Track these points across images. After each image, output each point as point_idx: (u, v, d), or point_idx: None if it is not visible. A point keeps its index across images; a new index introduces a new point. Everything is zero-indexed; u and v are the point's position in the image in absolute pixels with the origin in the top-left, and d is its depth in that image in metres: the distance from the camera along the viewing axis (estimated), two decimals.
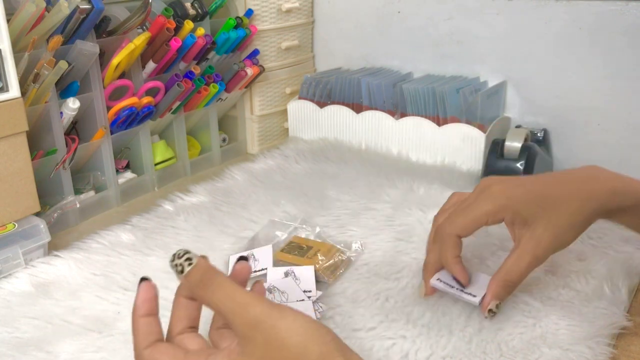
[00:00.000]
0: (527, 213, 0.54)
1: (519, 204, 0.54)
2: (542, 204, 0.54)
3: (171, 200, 0.82)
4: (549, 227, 0.54)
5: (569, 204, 0.54)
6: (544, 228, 0.53)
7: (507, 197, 0.55)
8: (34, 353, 0.52)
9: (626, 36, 0.83)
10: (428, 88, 0.92)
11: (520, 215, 0.54)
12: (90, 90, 0.78)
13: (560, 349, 0.52)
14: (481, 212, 0.55)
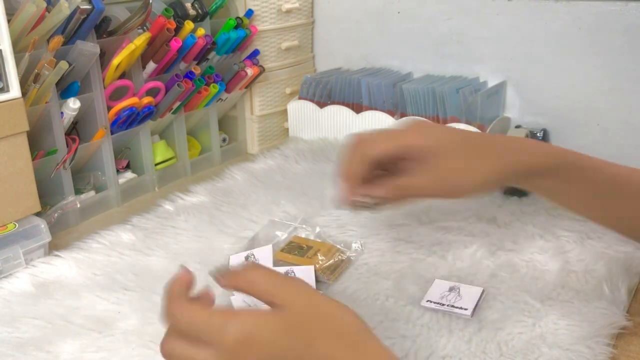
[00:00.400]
0: (444, 146, 0.54)
1: (441, 138, 0.55)
2: (463, 144, 0.55)
3: (171, 200, 0.82)
4: (460, 170, 0.54)
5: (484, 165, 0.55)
6: (456, 167, 0.54)
7: (427, 130, 0.56)
8: (35, 353, 0.53)
9: (626, 36, 0.83)
10: (428, 88, 0.92)
11: (437, 146, 0.54)
12: (91, 90, 0.78)
13: (560, 349, 0.52)
14: (393, 134, 0.56)
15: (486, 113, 0.92)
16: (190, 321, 0.39)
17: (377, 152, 0.55)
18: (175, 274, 0.44)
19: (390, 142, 0.55)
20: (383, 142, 0.55)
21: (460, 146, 0.55)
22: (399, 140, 0.55)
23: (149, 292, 0.62)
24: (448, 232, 0.72)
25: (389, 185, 0.55)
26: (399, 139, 0.55)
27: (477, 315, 0.57)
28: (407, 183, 0.55)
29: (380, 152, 0.55)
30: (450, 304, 0.58)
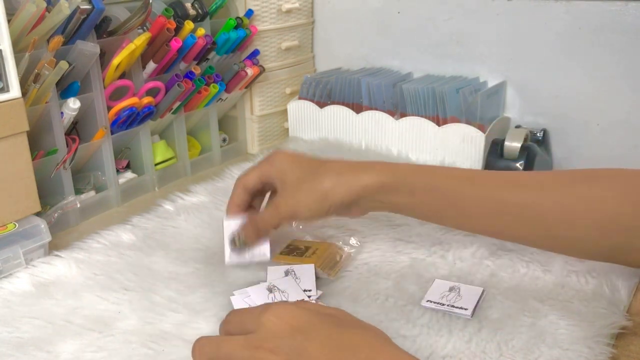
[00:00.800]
0: (283, 169, 0.62)
1: (285, 164, 0.62)
2: (302, 173, 0.61)
3: (171, 200, 0.82)
4: (293, 192, 0.61)
5: (315, 185, 0.60)
6: (290, 191, 0.61)
7: (276, 158, 0.63)
8: (35, 353, 0.53)
9: (626, 36, 0.83)
10: (428, 88, 0.92)
11: (281, 175, 0.62)
12: (91, 90, 0.78)
13: (560, 349, 0.52)
14: (258, 165, 0.65)
15: (486, 113, 0.92)
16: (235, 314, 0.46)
17: (247, 183, 0.65)
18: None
19: (253, 173, 0.64)
20: (251, 172, 0.65)
21: (300, 167, 0.62)
22: (258, 170, 0.64)
23: (149, 292, 0.62)
24: (448, 232, 0.72)
25: (247, 224, 0.64)
26: (258, 168, 0.64)
27: (477, 315, 0.57)
28: (257, 219, 0.63)
29: (250, 183, 0.64)
30: (450, 304, 0.58)
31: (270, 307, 0.44)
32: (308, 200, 0.60)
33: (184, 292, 0.62)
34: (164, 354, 0.52)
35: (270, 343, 0.41)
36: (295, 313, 0.43)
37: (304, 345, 0.41)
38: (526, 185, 0.57)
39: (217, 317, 0.57)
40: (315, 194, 0.60)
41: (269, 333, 0.42)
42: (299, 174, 0.61)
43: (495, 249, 0.68)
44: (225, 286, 0.63)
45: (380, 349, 0.42)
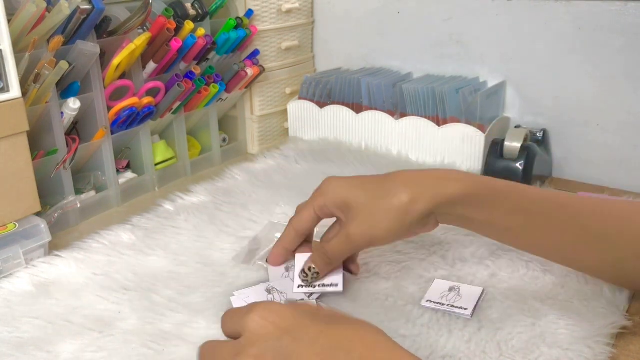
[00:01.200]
0: (346, 195, 0.56)
1: (337, 189, 0.57)
2: (366, 194, 0.56)
3: (171, 200, 0.82)
4: (365, 216, 0.55)
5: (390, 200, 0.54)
6: (361, 216, 0.55)
7: (328, 188, 0.58)
8: (35, 353, 0.53)
9: (625, 36, 0.83)
10: (428, 88, 0.92)
11: (339, 200, 0.57)
12: (91, 90, 0.78)
13: (560, 349, 0.52)
14: (309, 202, 0.59)
15: (486, 113, 0.92)
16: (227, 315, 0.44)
17: (300, 225, 0.60)
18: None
19: (306, 212, 0.59)
20: (302, 214, 0.60)
21: (363, 189, 0.56)
22: (310, 206, 0.59)
23: (148, 292, 0.62)
24: (448, 232, 0.72)
25: (315, 256, 0.59)
26: (310, 205, 0.59)
27: (477, 315, 0.57)
28: (327, 249, 0.58)
29: (303, 224, 0.60)
30: (450, 303, 0.58)
31: (255, 308, 0.41)
32: (386, 220, 0.54)
33: (184, 292, 0.62)
34: (164, 354, 0.52)
35: (254, 348, 0.39)
36: (281, 312, 0.41)
37: (291, 346, 0.39)
38: (615, 214, 0.56)
39: (217, 317, 0.57)
40: (393, 212, 0.54)
41: (253, 336, 0.40)
42: (363, 196, 0.55)
43: (495, 248, 0.68)
44: (225, 286, 0.63)
45: (375, 345, 0.40)
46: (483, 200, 0.55)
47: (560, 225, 0.55)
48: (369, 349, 0.39)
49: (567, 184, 0.90)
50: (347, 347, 0.39)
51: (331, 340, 0.39)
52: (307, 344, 0.39)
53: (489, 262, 0.66)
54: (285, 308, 0.42)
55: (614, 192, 0.84)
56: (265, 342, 0.39)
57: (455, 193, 0.54)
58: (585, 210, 0.56)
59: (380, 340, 0.40)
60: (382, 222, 0.54)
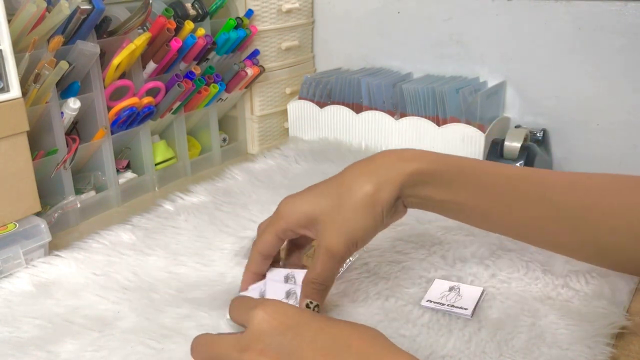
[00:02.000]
0: (308, 210, 0.53)
1: (296, 206, 0.54)
2: (327, 200, 0.52)
3: (171, 200, 0.82)
4: (337, 223, 0.51)
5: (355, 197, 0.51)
6: (333, 224, 0.51)
7: (283, 208, 0.55)
8: (35, 352, 0.53)
9: (625, 36, 0.83)
10: (428, 88, 0.92)
11: (307, 218, 0.53)
12: (91, 90, 0.78)
13: (560, 349, 0.52)
14: (270, 234, 0.55)
15: (486, 113, 0.92)
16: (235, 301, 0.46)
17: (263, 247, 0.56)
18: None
19: (268, 233, 0.55)
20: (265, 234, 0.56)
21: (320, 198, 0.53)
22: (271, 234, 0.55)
23: (148, 291, 0.62)
24: (448, 232, 0.72)
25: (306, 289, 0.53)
26: (270, 233, 0.55)
27: (477, 315, 0.57)
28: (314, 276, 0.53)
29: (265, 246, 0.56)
30: (450, 303, 0.58)
31: (260, 304, 0.43)
32: (359, 219, 0.51)
33: (183, 292, 0.62)
34: (163, 352, 0.52)
35: (259, 344, 0.41)
36: (286, 310, 0.43)
37: (294, 342, 0.41)
38: (590, 188, 0.53)
39: (217, 317, 0.57)
40: (362, 208, 0.51)
41: (258, 331, 0.41)
42: (326, 204, 0.52)
43: (495, 248, 0.68)
44: (225, 286, 0.63)
45: (373, 342, 0.41)
46: (446, 179, 0.53)
47: (531, 201, 0.53)
48: (367, 345, 0.41)
49: None
50: (345, 343, 0.40)
51: (331, 336, 0.41)
52: (308, 340, 0.41)
53: (489, 262, 0.65)
54: (289, 306, 0.43)
55: None
56: (270, 337, 0.41)
57: (415, 171, 0.52)
58: (557, 186, 0.53)
59: (378, 338, 0.42)
60: (356, 222, 0.52)
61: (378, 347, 0.41)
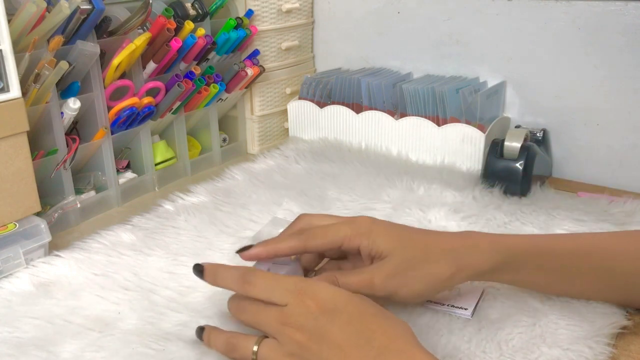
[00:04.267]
0: (385, 246, 0.53)
1: (380, 236, 0.54)
2: (406, 244, 0.53)
3: (171, 200, 0.82)
4: (400, 276, 0.52)
5: (435, 268, 0.53)
6: (396, 273, 0.52)
7: (370, 227, 0.54)
8: (35, 353, 0.52)
9: (625, 36, 0.83)
10: (428, 88, 0.92)
11: (377, 247, 0.53)
12: (91, 90, 0.78)
13: (560, 349, 0.52)
14: (337, 231, 0.55)
15: (486, 113, 0.92)
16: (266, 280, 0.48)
17: (315, 247, 0.55)
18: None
19: (330, 239, 0.55)
20: (324, 239, 0.55)
21: (405, 245, 0.53)
22: (339, 237, 0.54)
23: (149, 292, 0.62)
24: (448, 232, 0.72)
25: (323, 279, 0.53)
26: (339, 236, 0.54)
27: (477, 315, 0.57)
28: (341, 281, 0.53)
29: (319, 247, 0.55)
30: (450, 303, 0.58)
31: (303, 286, 0.47)
32: (417, 284, 0.53)
33: (184, 292, 0.62)
34: (164, 354, 0.52)
35: (297, 321, 0.45)
36: (327, 295, 0.46)
37: (326, 327, 0.45)
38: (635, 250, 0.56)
39: (217, 316, 0.57)
40: (427, 280, 0.53)
41: (298, 311, 0.46)
42: (406, 254, 0.53)
43: None
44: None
45: (395, 338, 0.44)
46: (508, 267, 0.54)
47: (586, 273, 0.56)
48: (390, 340, 0.44)
49: (567, 184, 0.90)
50: (369, 336, 0.44)
51: (357, 328, 0.45)
52: (337, 329, 0.45)
53: None
54: (329, 290, 0.47)
55: (614, 192, 0.84)
56: (306, 319, 0.45)
57: (484, 269, 0.54)
58: (609, 253, 0.55)
59: (401, 335, 0.45)
60: (415, 287, 0.53)
61: (400, 342, 0.44)
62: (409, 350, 0.44)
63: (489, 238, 0.55)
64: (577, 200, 0.81)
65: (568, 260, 0.55)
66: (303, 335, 0.45)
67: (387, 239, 0.54)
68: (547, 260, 0.55)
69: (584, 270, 0.55)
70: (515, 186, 0.81)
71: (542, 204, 0.79)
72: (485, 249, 0.54)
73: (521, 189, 0.81)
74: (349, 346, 0.44)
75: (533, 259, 0.55)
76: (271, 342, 0.47)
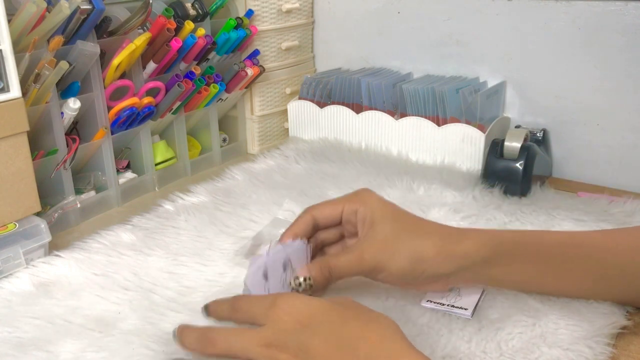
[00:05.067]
0: (379, 214, 0.55)
1: (375, 204, 0.56)
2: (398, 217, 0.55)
3: (172, 200, 0.82)
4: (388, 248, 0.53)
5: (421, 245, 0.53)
6: (384, 246, 0.53)
7: (368, 198, 0.57)
8: (35, 353, 0.53)
9: (625, 36, 0.83)
10: (428, 88, 0.92)
11: (372, 213, 0.55)
12: (91, 90, 0.78)
13: (560, 349, 0.52)
14: (339, 200, 0.58)
15: (486, 113, 0.92)
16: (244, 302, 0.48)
17: (319, 214, 0.58)
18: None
19: (332, 206, 0.58)
20: (327, 206, 0.58)
21: (396, 218, 0.55)
22: (340, 204, 0.57)
23: (149, 292, 0.62)
24: None
25: (316, 266, 0.54)
26: (340, 203, 0.58)
27: (477, 315, 0.57)
28: (332, 264, 0.54)
29: (323, 215, 0.58)
30: (450, 304, 0.58)
31: (278, 302, 0.45)
32: (402, 258, 0.53)
33: (183, 292, 0.62)
34: (164, 354, 0.52)
35: (279, 341, 0.43)
36: (301, 307, 0.45)
37: (309, 341, 0.43)
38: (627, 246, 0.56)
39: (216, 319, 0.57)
40: (412, 255, 0.53)
41: (277, 329, 0.44)
42: (396, 226, 0.54)
43: None
44: (225, 286, 0.63)
45: (380, 345, 0.42)
46: (498, 258, 0.54)
47: (576, 264, 0.55)
48: (376, 344, 0.42)
49: (567, 184, 0.90)
50: (353, 344, 0.42)
51: (341, 336, 0.43)
52: (322, 339, 0.43)
53: None
54: (305, 303, 0.45)
55: (614, 192, 0.84)
56: (289, 335, 0.44)
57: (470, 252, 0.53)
58: (600, 246, 0.56)
59: (388, 336, 0.43)
60: (399, 259, 0.53)
61: (387, 345, 0.42)
62: (396, 353, 0.42)
63: (478, 230, 0.56)
64: (577, 200, 0.81)
65: (557, 250, 0.55)
66: (288, 355, 0.43)
67: (383, 208, 0.56)
68: (536, 250, 0.55)
69: (574, 262, 0.55)
70: (515, 186, 0.81)
71: (542, 204, 0.79)
72: (475, 237, 0.54)
73: (521, 189, 0.81)
74: (335, 357, 0.42)
75: (523, 251, 0.55)
76: None
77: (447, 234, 0.54)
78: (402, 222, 0.55)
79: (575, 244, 0.56)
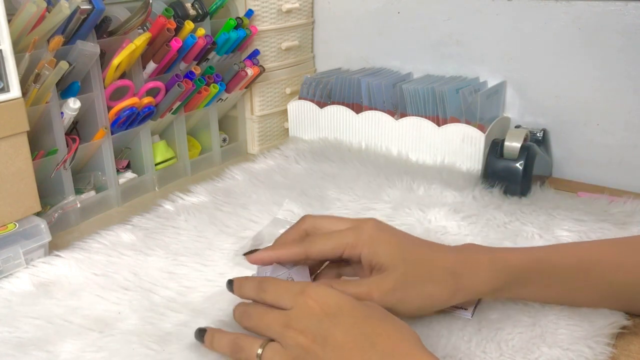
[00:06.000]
0: (386, 259, 0.52)
1: (382, 246, 0.53)
2: (407, 258, 0.52)
3: (172, 200, 0.82)
4: (399, 292, 0.51)
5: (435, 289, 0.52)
6: (395, 288, 0.51)
7: (372, 235, 0.53)
8: (35, 353, 0.53)
9: (625, 36, 0.83)
10: (428, 88, 0.92)
11: (378, 257, 0.52)
12: (91, 90, 0.78)
13: (560, 349, 0.52)
14: (340, 235, 0.54)
15: (486, 113, 0.92)
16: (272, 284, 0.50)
17: (315, 250, 0.54)
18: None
19: (332, 243, 0.54)
20: (325, 242, 0.54)
21: (406, 261, 0.52)
22: (340, 244, 0.53)
23: (149, 292, 0.62)
24: (448, 232, 0.72)
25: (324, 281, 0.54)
26: (340, 240, 0.54)
27: (477, 315, 0.57)
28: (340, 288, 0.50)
29: (320, 253, 0.54)
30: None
31: (307, 290, 0.47)
32: (412, 303, 0.52)
33: (183, 292, 0.62)
34: (164, 354, 0.52)
35: (301, 324, 0.45)
36: (329, 298, 0.46)
37: (330, 330, 0.45)
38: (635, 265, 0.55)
39: (217, 317, 0.57)
40: (423, 301, 0.52)
41: (302, 314, 0.46)
42: (406, 271, 0.51)
43: None
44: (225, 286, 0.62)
45: (399, 344, 0.44)
46: (509, 286, 0.54)
47: (587, 287, 0.55)
48: (394, 344, 0.44)
49: (567, 184, 0.90)
50: (373, 339, 0.44)
51: (361, 331, 0.44)
52: (342, 331, 0.44)
53: None
54: (333, 295, 0.47)
55: (614, 192, 0.84)
56: (310, 321, 0.45)
57: (485, 289, 0.53)
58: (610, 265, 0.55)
59: (406, 339, 0.45)
60: (412, 303, 0.52)
61: (405, 346, 0.44)
62: (414, 354, 0.43)
63: (489, 255, 0.54)
64: (577, 200, 0.81)
65: (569, 276, 0.55)
66: (306, 338, 0.45)
67: (389, 250, 0.52)
68: (547, 277, 0.55)
69: (585, 285, 0.55)
70: (515, 186, 0.81)
71: (542, 204, 0.79)
72: (486, 269, 0.53)
73: (521, 189, 0.81)
74: (352, 349, 0.44)
75: (534, 277, 0.54)
76: (275, 345, 0.47)
77: (458, 273, 0.52)
78: (412, 266, 0.52)
79: (586, 268, 0.55)
